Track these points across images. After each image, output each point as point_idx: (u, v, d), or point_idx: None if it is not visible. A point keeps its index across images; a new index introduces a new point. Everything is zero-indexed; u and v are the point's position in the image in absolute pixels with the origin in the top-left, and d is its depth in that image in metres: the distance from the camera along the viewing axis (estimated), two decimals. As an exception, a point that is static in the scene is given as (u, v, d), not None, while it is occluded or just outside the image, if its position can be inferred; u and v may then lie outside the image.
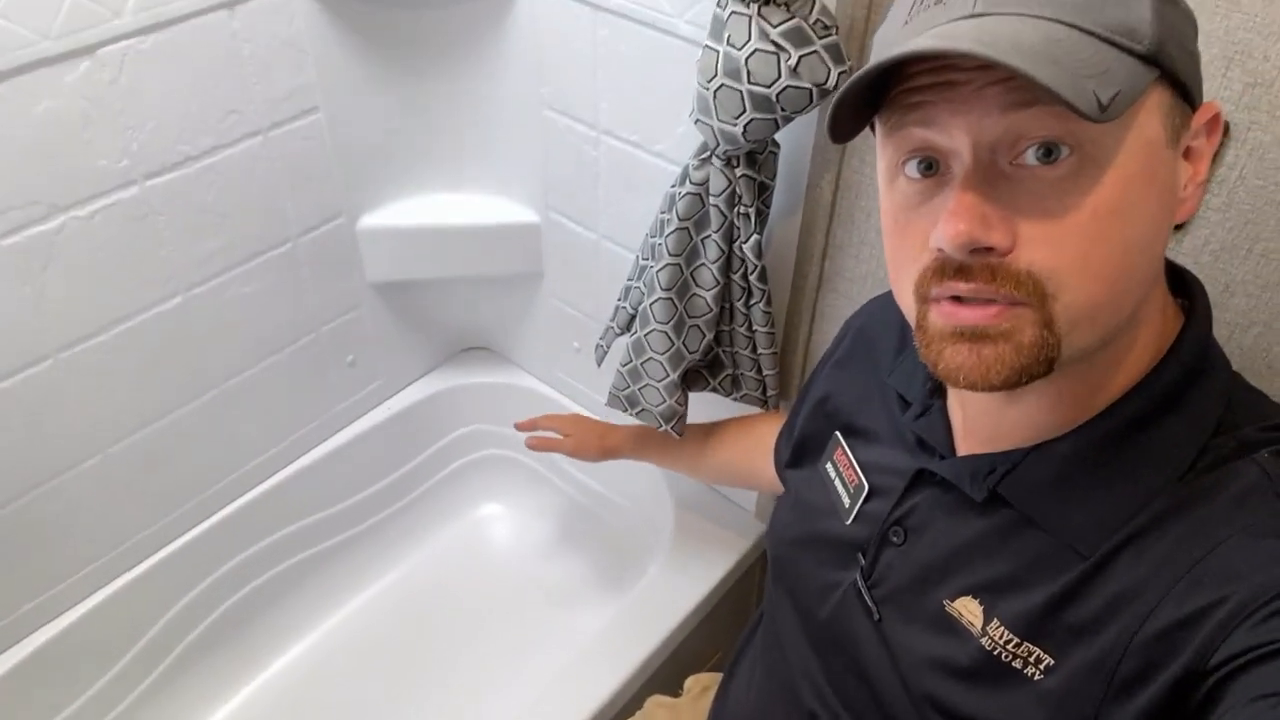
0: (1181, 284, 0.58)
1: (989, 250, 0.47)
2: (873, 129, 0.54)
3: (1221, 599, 0.46)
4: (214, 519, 1.29)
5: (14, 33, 0.87)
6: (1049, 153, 0.46)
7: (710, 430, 1.10)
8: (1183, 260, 0.75)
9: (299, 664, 1.41)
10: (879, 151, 0.54)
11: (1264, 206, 0.70)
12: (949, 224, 0.47)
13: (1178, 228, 0.70)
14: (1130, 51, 0.45)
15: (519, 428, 1.20)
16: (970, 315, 0.49)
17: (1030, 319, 0.48)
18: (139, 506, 1.20)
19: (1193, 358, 0.54)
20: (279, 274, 1.22)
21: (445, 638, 1.45)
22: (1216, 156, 0.72)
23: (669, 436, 1.07)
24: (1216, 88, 0.68)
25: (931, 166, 0.50)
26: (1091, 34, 0.45)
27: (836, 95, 0.49)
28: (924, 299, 0.51)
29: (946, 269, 0.49)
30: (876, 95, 0.51)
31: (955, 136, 0.48)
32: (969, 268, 0.48)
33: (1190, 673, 0.46)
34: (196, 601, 1.30)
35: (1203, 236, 0.74)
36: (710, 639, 1.25)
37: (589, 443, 1.15)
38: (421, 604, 1.50)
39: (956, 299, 0.49)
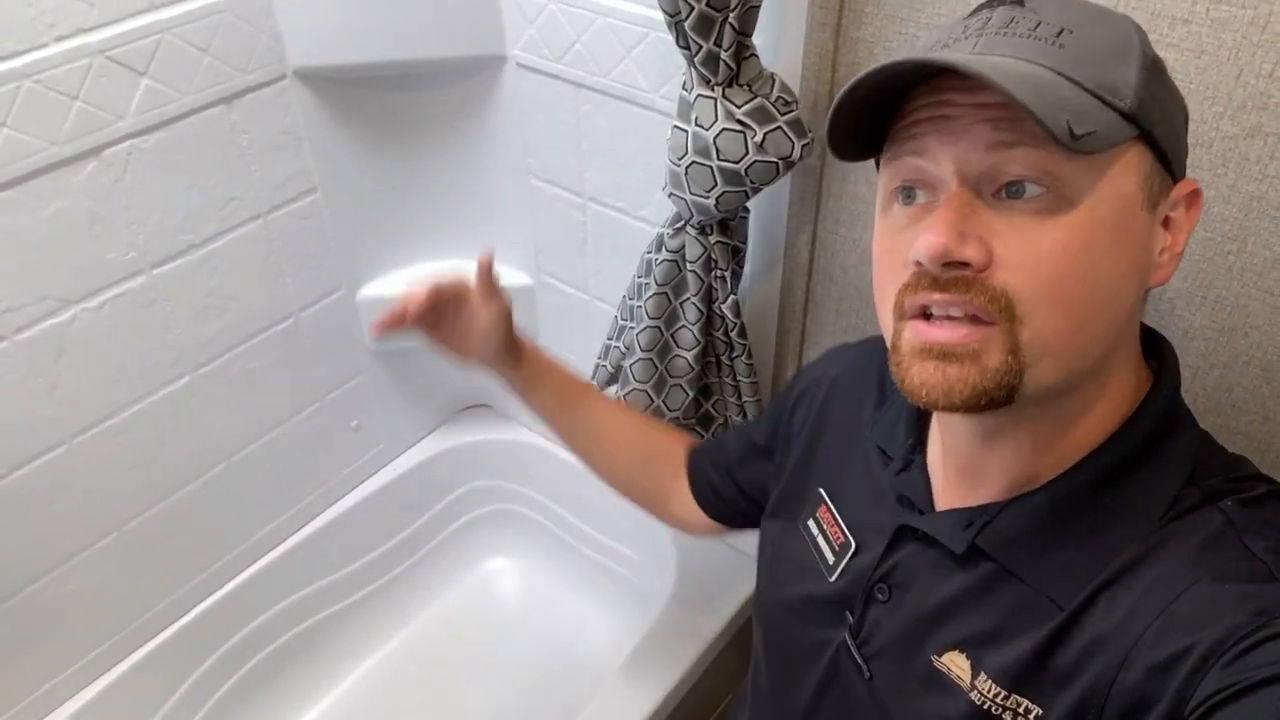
0: (1155, 347, 0.60)
1: (963, 266, 0.50)
2: (878, 165, 0.58)
3: (1192, 644, 0.48)
4: (227, 588, 1.32)
5: (24, 142, 0.92)
6: (1027, 189, 0.49)
7: (615, 412, 0.96)
8: (1143, 308, 0.79)
9: (315, 727, 1.44)
10: (879, 183, 0.57)
11: (1213, 257, 0.74)
12: (925, 236, 0.50)
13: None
14: (1112, 106, 0.49)
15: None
16: (939, 334, 0.51)
17: (998, 341, 0.50)
18: (153, 581, 1.23)
19: (1161, 415, 0.56)
20: (283, 348, 1.26)
21: (458, 692, 1.47)
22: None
23: (566, 389, 0.93)
24: (1160, 149, 0.72)
25: (923, 194, 0.53)
26: (1077, 83, 0.49)
27: (833, 107, 0.53)
28: (900, 315, 0.54)
29: (922, 280, 0.52)
30: (879, 130, 0.55)
31: (943, 165, 0.51)
32: (943, 280, 0.51)
33: (1170, 718, 0.48)
34: (213, 670, 1.33)
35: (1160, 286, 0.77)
36: (717, 686, 1.27)
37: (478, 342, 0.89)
38: (434, 660, 1.52)
39: (928, 317, 0.52)
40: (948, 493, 0.63)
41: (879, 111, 0.54)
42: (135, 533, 1.18)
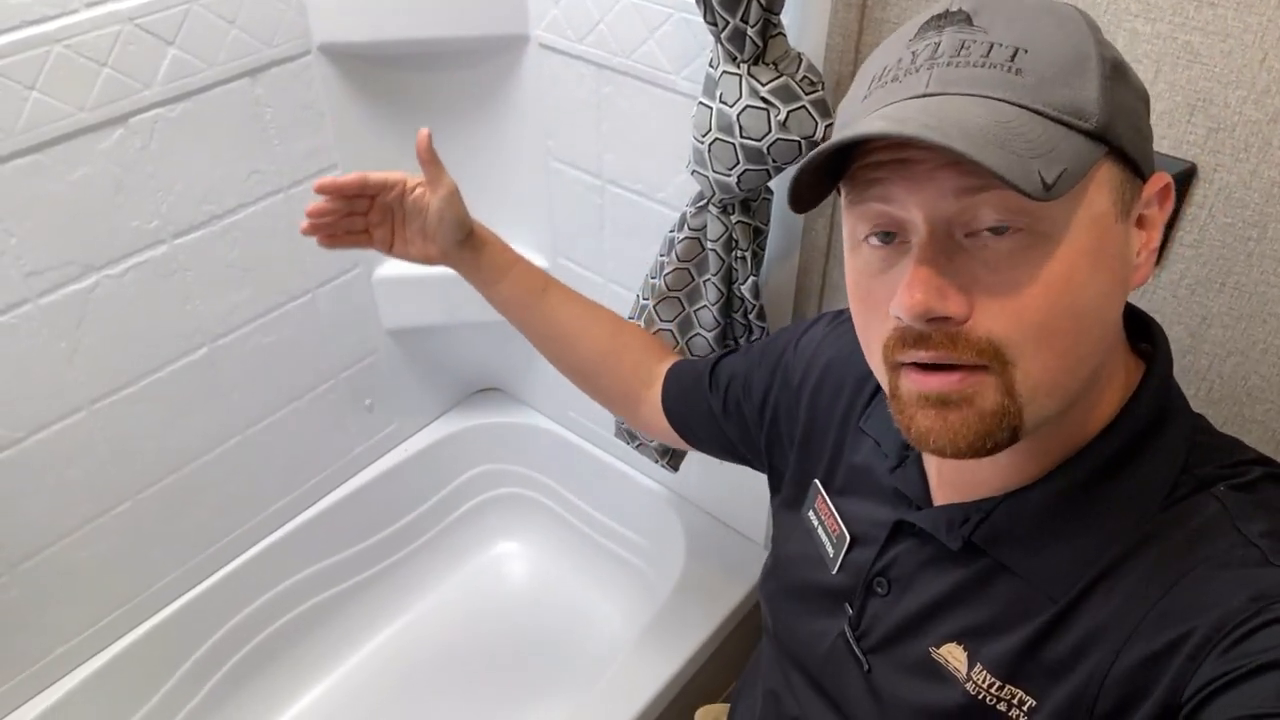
0: (1144, 329, 0.59)
1: (946, 320, 0.49)
2: (839, 193, 0.56)
3: (1188, 633, 0.48)
4: (239, 561, 1.33)
5: (52, 106, 0.93)
6: (1002, 229, 0.49)
7: (578, 308, 0.95)
8: (1160, 294, 0.79)
9: (323, 702, 1.44)
10: (844, 220, 0.56)
11: (1234, 242, 0.74)
12: (905, 295, 0.49)
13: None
14: (1078, 129, 0.47)
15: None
16: (935, 382, 0.51)
17: (992, 385, 0.50)
18: (165, 551, 1.24)
19: (1154, 405, 0.56)
20: (300, 324, 1.27)
21: (465, 673, 1.47)
22: (1176, 217, 0.75)
23: (521, 281, 0.92)
24: (1181, 133, 0.72)
25: (892, 235, 0.52)
26: (1040, 114, 0.47)
27: (795, 170, 0.52)
28: (894, 367, 0.53)
29: (908, 338, 0.51)
30: (838, 167, 0.53)
31: (911, 212, 0.50)
32: (929, 336, 0.50)
33: (1166, 707, 0.48)
34: (223, 641, 1.34)
35: (1179, 271, 0.77)
36: (722, 670, 1.27)
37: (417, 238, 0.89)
38: (441, 641, 1.53)
39: (921, 365, 0.52)
40: (944, 488, 0.63)
41: (835, 154, 0.52)
42: (150, 501, 1.19)
